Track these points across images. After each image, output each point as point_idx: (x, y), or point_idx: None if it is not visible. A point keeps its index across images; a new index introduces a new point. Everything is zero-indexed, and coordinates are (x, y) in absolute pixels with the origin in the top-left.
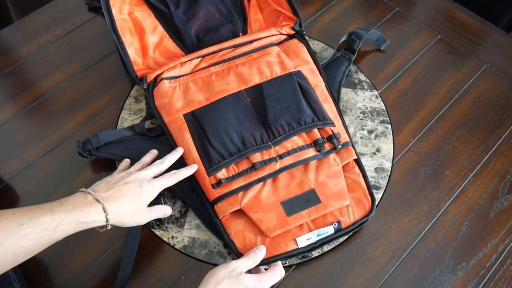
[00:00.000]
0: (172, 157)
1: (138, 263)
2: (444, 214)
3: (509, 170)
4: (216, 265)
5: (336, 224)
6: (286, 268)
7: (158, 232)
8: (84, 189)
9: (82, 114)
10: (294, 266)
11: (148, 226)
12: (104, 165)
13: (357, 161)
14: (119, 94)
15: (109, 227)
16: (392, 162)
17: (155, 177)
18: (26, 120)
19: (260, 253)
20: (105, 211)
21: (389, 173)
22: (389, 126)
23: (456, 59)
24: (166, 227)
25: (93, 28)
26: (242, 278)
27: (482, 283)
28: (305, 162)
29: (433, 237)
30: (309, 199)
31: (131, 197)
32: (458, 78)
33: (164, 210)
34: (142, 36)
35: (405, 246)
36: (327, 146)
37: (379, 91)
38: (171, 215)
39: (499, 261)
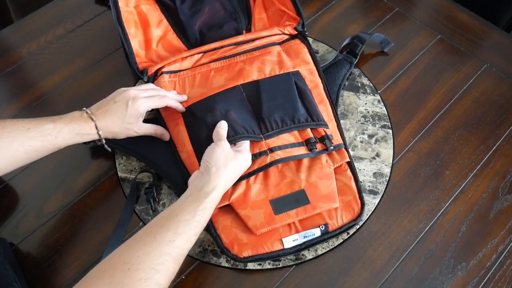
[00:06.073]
0: (170, 92)
1: None
2: (444, 214)
3: (509, 170)
4: (209, 263)
5: (323, 226)
6: (285, 268)
7: None
8: (84, 108)
9: None
10: (294, 266)
11: (143, 220)
12: (104, 166)
13: (350, 164)
14: None
15: (103, 141)
16: (392, 163)
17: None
18: None
19: (224, 127)
20: (96, 128)
21: (387, 178)
22: (390, 131)
23: (456, 59)
24: None
25: (93, 28)
26: (239, 159)
27: (482, 283)
28: (296, 159)
29: (433, 237)
30: (298, 199)
31: (117, 116)
32: (458, 78)
33: (161, 131)
34: (147, 29)
35: (405, 246)
36: (319, 147)
37: (379, 91)
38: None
39: (499, 261)
